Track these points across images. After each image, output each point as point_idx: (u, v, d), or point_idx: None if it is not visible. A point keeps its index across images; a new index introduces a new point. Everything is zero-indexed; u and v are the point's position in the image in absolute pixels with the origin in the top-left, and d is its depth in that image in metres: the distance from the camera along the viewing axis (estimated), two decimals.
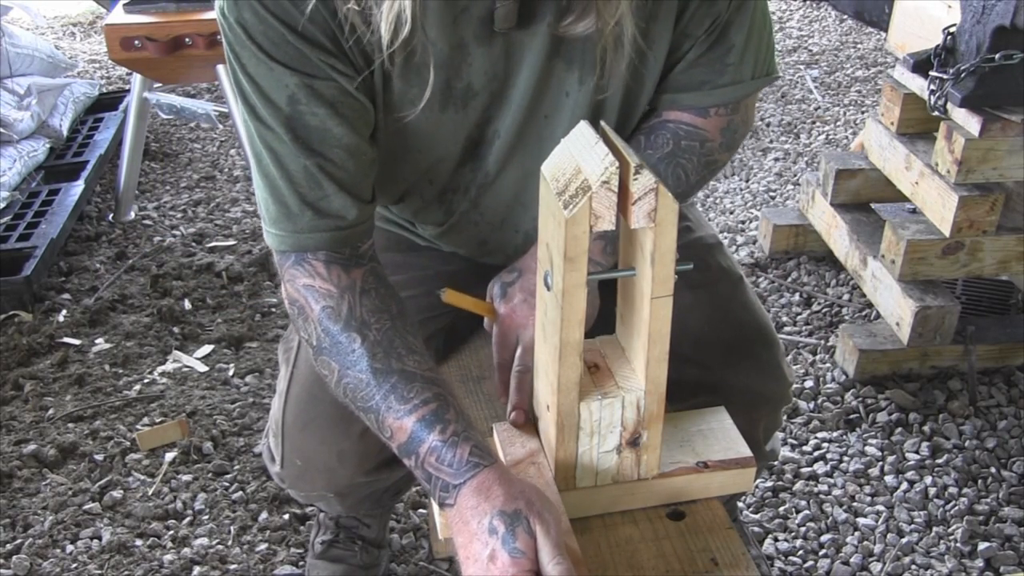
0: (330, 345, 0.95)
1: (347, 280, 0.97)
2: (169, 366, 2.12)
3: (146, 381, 2.06)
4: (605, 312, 1.03)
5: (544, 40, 0.97)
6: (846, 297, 2.32)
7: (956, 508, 1.70)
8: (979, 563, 1.60)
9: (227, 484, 1.78)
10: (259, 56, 0.90)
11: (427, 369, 0.94)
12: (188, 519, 1.70)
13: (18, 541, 1.65)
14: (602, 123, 0.86)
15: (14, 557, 1.61)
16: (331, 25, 0.90)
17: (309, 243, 0.97)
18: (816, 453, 1.85)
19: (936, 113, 1.87)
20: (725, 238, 2.60)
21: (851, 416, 1.94)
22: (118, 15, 2.43)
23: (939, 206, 1.90)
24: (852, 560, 1.61)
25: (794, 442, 1.88)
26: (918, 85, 1.98)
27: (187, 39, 2.37)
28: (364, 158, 0.98)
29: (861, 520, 1.69)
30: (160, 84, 2.85)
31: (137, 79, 2.64)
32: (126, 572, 1.59)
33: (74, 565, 1.61)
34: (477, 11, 0.93)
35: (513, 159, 1.07)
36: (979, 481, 1.77)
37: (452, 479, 0.88)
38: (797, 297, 2.33)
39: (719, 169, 1.16)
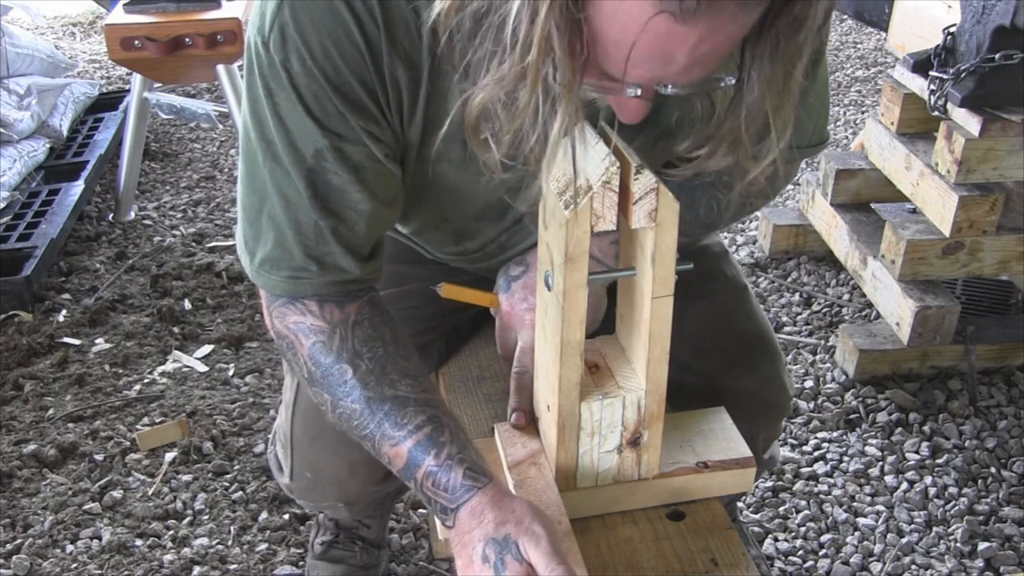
0: (321, 377, 0.94)
1: (340, 315, 0.94)
2: (169, 366, 2.12)
3: (146, 381, 2.06)
4: (605, 312, 1.03)
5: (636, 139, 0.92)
6: (846, 297, 2.32)
7: (956, 508, 1.70)
8: (979, 563, 1.60)
9: (227, 484, 1.78)
10: (296, 105, 0.85)
11: (421, 391, 0.93)
12: (188, 519, 1.70)
13: (18, 541, 1.65)
14: (602, 123, 0.86)
15: (14, 557, 1.61)
16: (376, 88, 0.85)
17: (307, 290, 0.94)
18: (816, 453, 1.85)
19: (936, 113, 1.87)
20: (725, 238, 2.60)
21: (851, 416, 1.94)
22: (118, 15, 2.43)
23: (939, 206, 1.90)
24: (852, 560, 1.61)
25: (794, 442, 1.88)
26: (918, 85, 1.98)
27: (187, 39, 2.37)
28: (377, 221, 0.94)
29: (861, 520, 1.69)
30: (160, 84, 2.85)
31: (137, 79, 2.64)
32: (126, 572, 1.59)
33: (74, 565, 1.61)
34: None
35: None
36: (979, 481, 1.77)
37: (448, 503, 0.88)
38: (797, 297, 2.33)
39: (750, 213, 1.15)
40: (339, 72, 0.84)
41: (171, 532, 1.67)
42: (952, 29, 1.89)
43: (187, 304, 2.33)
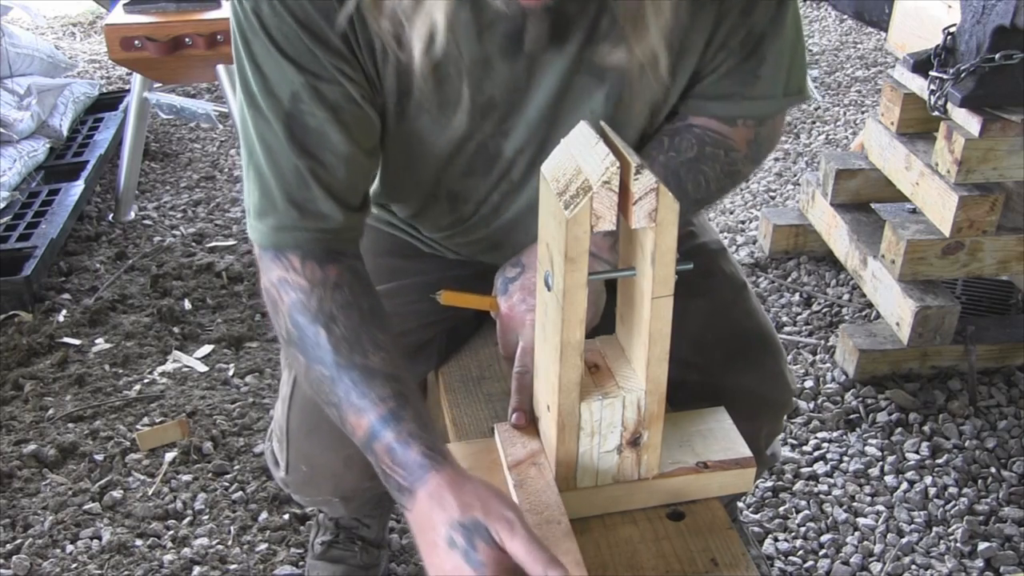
0: (298, 338, 0.95)
1: (320, 275, 0.96)
2: (169, 366, 2.12)
3: (146, 381, 2.06)
4: (605, 312, 1.03)
5: (570, 59, 0.96)
6: (846, 297, 2.32)
7: (956, 508, 1.70)
8: (979, 563, 1.60)
9: (227, 484, 1.78)
10: (269, 48, 0.89)
11: (391, 366, 0.93)
12: (188, 519, 1.70)
13: (18, 541, 1.65)
14: (602, 123, 0.86)
15: (14, 557, 1.61)
16: (346, 29, 0.89)
17: (289, 241, 0.96)
18: (816, 453, 1.85)
19: (936, 113, 1.87)
20: (725, 238, 2.60)
21: (851, 416, 1.94)
22: (118, 15, 2.43)
23: (939, 206, 1.90)
24: (852, 560, 1.61)
25: (794, 442, 1.88)
26: (918, 85, 1.98)
27: (187, 39, 2.37)
28: (358, 167, 0.97)
29: (861, 520, 1.69)
30: (160, 84, 2.85)
31: (137, 79, 2.64)
32: (126, 572, 1.59)
33: (74, 565, 1.61)
34: (504, 28, 0.92)
35: (537, 171, 1.06)
36: (979, 481, 1.77)
37: (404, 481, 0.87)
38: (797, 297, 2.33)
39: (740, 181, 1.14)
40: (305, 11, 0.88)
41: (171, 532, 1.67)
42: (952, 29, 1.90)
43: (187, 304, 2.33)
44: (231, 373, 2.09)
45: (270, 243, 0.96)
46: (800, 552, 1.64)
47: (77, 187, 2.68)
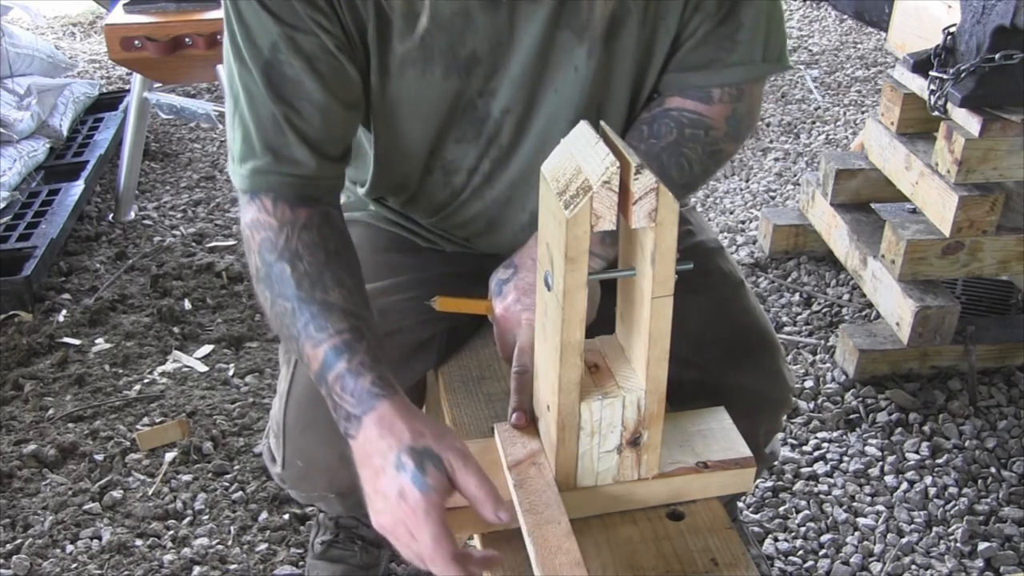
0: (265, 274, 0.98)
1: (291, 216, 0.99)
2: (169, 366, 2.12)
3: (146, 381, 2.06)
4: (605, 312, 1.03)
5: (548, 9, 0.97)
6: (846, 297, 2.32)
7: (956, 508, 1.70)
8: (979, 563, 1.60)
9: (227, 484, 1.78)
10: (251, 0, 0.94)
11: (350, 303, 0.96)
12: (188, 519, 1.70)
13: (18, 541, 1.65)
14: (602, 123, 0.86)
15: (14, 557, 1.61)
16: None
17: (263, 184, 1.00)
18: (816, 453, 1.85)
19: (936, 113, 1.87)
20: (725, 238, 2.60)
21: (851, 416, 1.94)
22: (118, 15, 2.43)
23: (939, 206, 1.90)
24: (852, 560, 1.61)
25: (794, 442, 1.88)
26: (918, 85, 1.98)
27: (187, 39, 2.37)
28: (334, 117, 1.00)
29: (861, 520, 1.69)
30: (160, 84, 2.85)
31: (137, 79, 2.64)
32: (126, 572, 1.60)
33: (74, 565, 1.61)
34: None
35: (526, 134, 1.08)
36: (979, 481, 1.77)
37: (353, 409, 0.89)
38: (797, 297, 2.33)
39: (724, 160, 1.14)
40: None
41: (171, 532, 1.67)
42: (952, 29, 1.90)
43: (187, 304, 2.33)
44: (231, 373, 2.09)
45: (247, 186, 1.01)
46: (800, 552, 1.64)
47: (77, 187, 2.68)
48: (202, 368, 2.11)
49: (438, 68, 1.00)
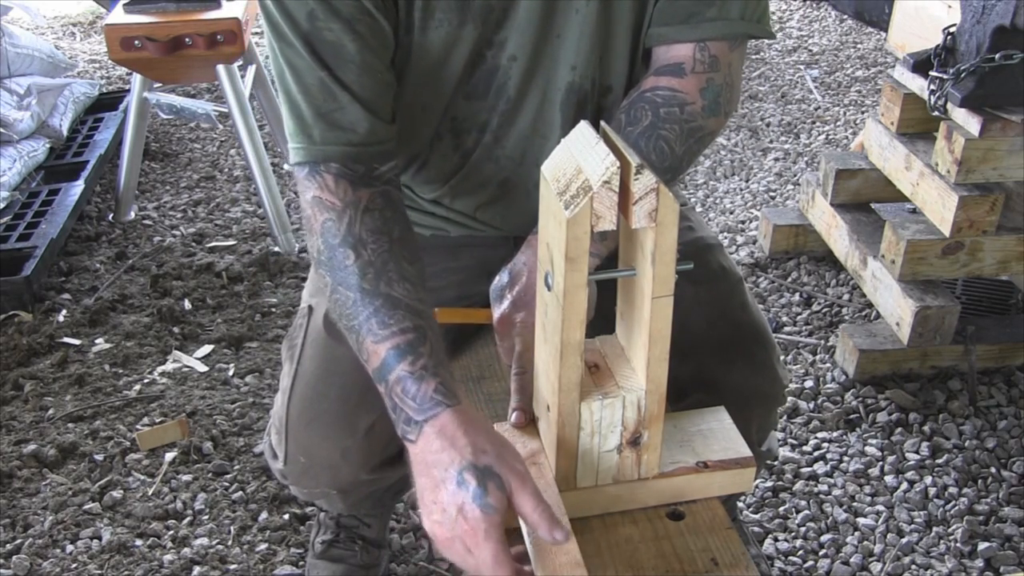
0: (327, 258, 0.97)
1: (352, 196, 0.98)
2: (169, 366, 2.12)
3: (146, 381, 2.06)
4: (605, 312, 1.03)
5: None
6: (846, 297, 2.32)
7: (956, 508, 1.70)
8: (979, 563, 1.60)
9: (227, 484, 1.78)
10: None
11: (414, 299, 0.95)
12: (188, 519, 1.70)
13: (18, 541, 1.65)
14: (602, 123, 0.86)
15: (14, 557, 1.61)
16: None
17: (320, 155, 0.99)
18: (816, 453, 1.85)
19: (936, 113, 1.87)
20: (725, 238, 2.60)
21: (851, 416, 1.94)
22: (118, 15, 2.43)
23: (939, 206, 1.90)
24: (852, 560, 1.61)
25: (794, 442, 1.88)
26: (918, 85, 1.98)
27: (187, 39, 2.37)
28: (379, 76, 1.01)
29: (861, 520, 1.69)
30: (160, 84, 2.85)
31: (137, 79, 2.64)
32: (126, 572, 1.60)
33: (74, 565, 1.61)
34: None
35: (532, 83, 1.09)
36: (979, 481, 1.77)
37: (415, 414, 0.88)
38: (797, 297, 2.33)
39: (707, 140, 1.11)
40: None
41: (171, 532, 1.67)
42: (952, 29, 1.90)
43: (187, 304, 2.33)
44: (231, 373, 2.09)
45: (303, 159, 1.00)
46: (800, 552, 1.64)
47: (77, 187, 2.68)
48: (202, 368, 2.11)
49: (455, 17, 1.02)
